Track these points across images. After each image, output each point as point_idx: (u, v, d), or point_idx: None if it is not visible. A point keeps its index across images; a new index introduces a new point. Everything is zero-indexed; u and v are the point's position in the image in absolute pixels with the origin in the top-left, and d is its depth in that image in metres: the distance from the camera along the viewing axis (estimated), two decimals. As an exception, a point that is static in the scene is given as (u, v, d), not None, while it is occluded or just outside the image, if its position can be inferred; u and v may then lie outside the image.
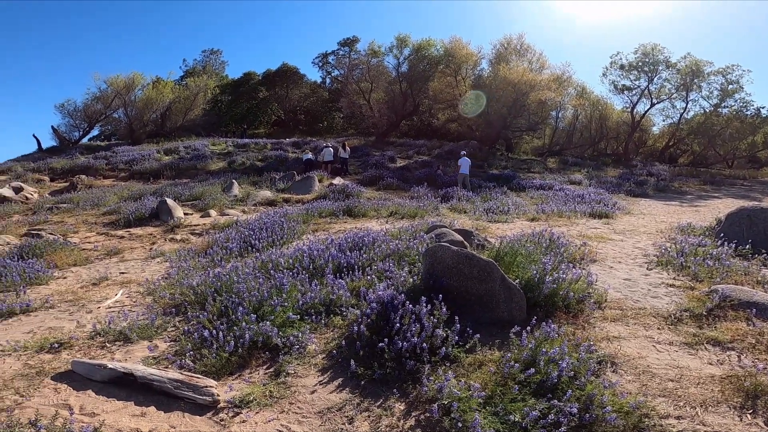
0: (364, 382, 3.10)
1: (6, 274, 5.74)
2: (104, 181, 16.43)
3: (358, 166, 18.69)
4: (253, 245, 6.74)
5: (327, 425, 2.75)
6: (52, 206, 11.49)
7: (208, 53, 43.82)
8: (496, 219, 9.06)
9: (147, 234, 8.64)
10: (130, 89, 27.01)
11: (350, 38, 39.74)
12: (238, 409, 2.90)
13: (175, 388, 3.00)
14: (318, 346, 3.66)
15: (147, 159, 19.10)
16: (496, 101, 22.48)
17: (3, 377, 3.28)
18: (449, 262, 3.89)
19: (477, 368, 3.13)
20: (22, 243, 7.62)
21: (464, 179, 14.09)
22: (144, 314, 4.46)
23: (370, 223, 8.50)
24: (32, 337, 4.07)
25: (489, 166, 19.92)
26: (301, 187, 13.21)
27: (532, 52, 25.20)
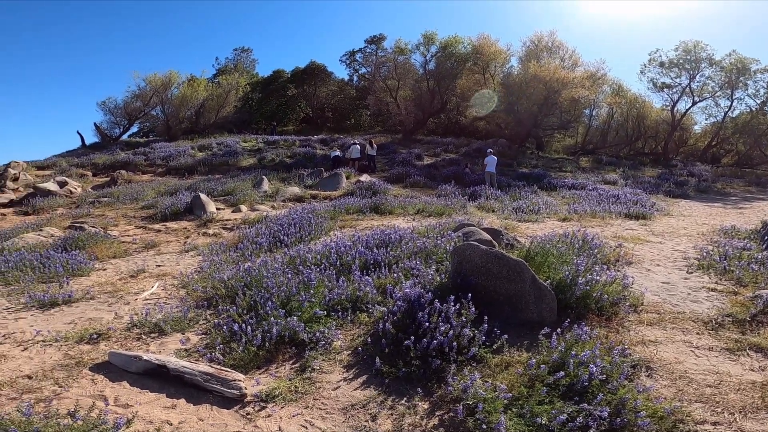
0: (388, 380, 3.10)
1: (50, 265, 6.02)
2: (143, 176, 17.12)
3: (385, 163, 18.72)
4: (282, 240, 6.86)
5: (350, 422, 2.76)
6: (94, 200, 12.08)
7: (239, 51, 44.68)
8: (525, 218, 8.87)
9: (182, 228, 8.95)
10: (167, 87, 27.95)
11: (377, 36, 39.88)
12: (264, 404, 2.93)
13: (205, 381, 3.06)
14: (343, 343, 3.68)
15: (182, 155, 19.79)
16: (526, 99, 22.06)
17: (43, 368, 3.40)
18: (478, 261, 3.83)
19: (504, 369, 3.08)
20: (65, 235, 8.04)
21: (492, 177, 13.86)
22: (178, 307, 4.57)
23: (397, 221, 8.49)
24: (73, 328, 4.20)
25: (518, 164, 19.53)
26: (329, 184, 13.34)
27: (564, 50, 24.64)
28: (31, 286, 5.40)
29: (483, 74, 25.60)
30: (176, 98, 28.36)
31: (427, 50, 26.50)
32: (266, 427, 2.72)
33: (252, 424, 2.75)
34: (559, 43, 24.70)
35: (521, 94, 22.23)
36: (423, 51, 26.60)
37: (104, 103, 28.11)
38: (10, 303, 4.95)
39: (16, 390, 3.03)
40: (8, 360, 3.52)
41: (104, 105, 28.12)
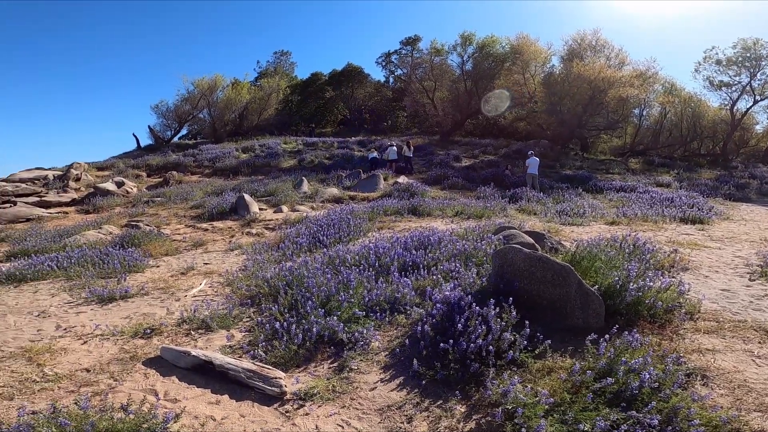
0: (425, 382, 3.09)
1: (108, 262, 6.41)
2: (191, 177, 17.99)
3: (423, 165, 18.63)
4: (321, 241, 6.98)
5: (386, 423, 2.77)
6: (149, 200, 12.83)
7: (278, 54, 45.93)
8: (570, 222, 8.54)
9: (227, 227, 9.33)
10: (213, 90, 29.10)
11: (412, 37, 39.79)
12: (302, 402, 2.98)
13: (248, 378, 3.15)
14: (381, 344, 3.69)
15: (227, 156, 20.62)
16: (569, 99, 21.34)
17: (101, 361, 3.56)
18: (521, 264, 3.74)
19: (545, 375, 3.00)
20: (122, 233, 8.57)
21: (533, 179, 13.46)
22: (223, 304, 4.73)
23: (435, 223, 8.43)
24: (128, 323, 4.38)
25: (561, 166, 18.87)
26: (367, 185, 13.46)
27: (610, 48, 23.60)
28: (91, 282, 5.73)
29: (522, 74, 24.93)
30: (221, 101, 29.46)
31: (464, 51, 26.18)
32: (304, 425, 2.76)
33: (290, 422, 2.80)
34: (604, 42, 23.71)
35: (564, 93, 21.56)
36: (460, 51, 26.30)
37: (157, 106, 29.72)
38: (72, 297, 5.28)
39: (75, 383, 3.21)
40: (69, 353, 3.71)
41: (157, 108, 29.73)
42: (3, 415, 2.75)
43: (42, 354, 3.66)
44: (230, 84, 30.54)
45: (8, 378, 3.26)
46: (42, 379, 3.25)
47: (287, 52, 45.98)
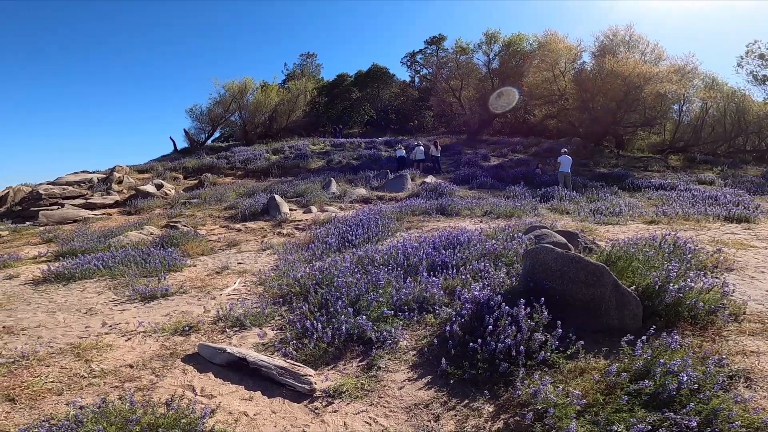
0: (453, 381, 3.08)
1: (150, 261, 6.69)
2: (225, 178, 18.56)
3: (450, 164, 18.50)
4: (350, 241, 7.07)
5: (413, 421, 2.78)
6: (185, 201, 13.36)
7: (305, 57, 46.57)
8: (605, 221, 8.27)
9: (259, 228, 9.59)
10: (243, 93, 29.75)
11: (437, 36, 39.60)
12: (331, 399, 3.03)
13: (279, 375, 3.23)
14: (409, 343, 3.71)
15: (258, 158, 21.15)
16: (602, 95, 20.75)
17: (143, 357, 3.71)
18: (552, 264, 3.67)
19: (577, 376, 2.95)
20: (162, 233, 8.96)
21: (565, 178, 13.10)
22: (256, 303, 4.86)
23: (464, 222, 8.37)
24: (168, 320, 4.53)
25: (595, 164, 18.29)
26: (395, 185, 13.50)
27: (645, 43, 22.73)
28: (134, 281, 6.00)
29: (552, 71, 24.37)
30: (252, 104, 30.11)
31: (489, 49, 25.99)
32: (332, 422, 2.81)
33: (319, 419, 2.85)
34: (639, 37, 22.86)
35: (596, 90, 20.96)
36: (485, 50, 26.12)
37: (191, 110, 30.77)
38: (116, 295, 5.53)
39: (120, 378, 3.35)
40: (114, 349, 3.89)
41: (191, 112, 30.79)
42: (52, 409, 2.90)
43: (89, 350, 3.84)
44: (259, 87, 31.15)
45: (58, 373, 3.42)
46: (89, 374, 3.41)
47: (313, 53, 46.70)
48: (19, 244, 9.80)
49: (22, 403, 2.99)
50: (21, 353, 3.74)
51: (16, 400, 3.02)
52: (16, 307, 5.21)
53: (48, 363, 3.60)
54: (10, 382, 3.27)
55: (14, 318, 4.81)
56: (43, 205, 13.91)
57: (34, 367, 3.52)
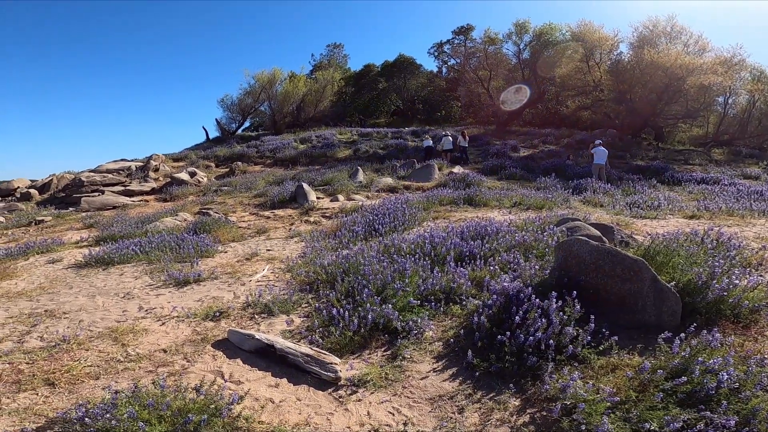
0: (478, 374, 3.03)
1: (184, 247, 6.88)
2: (254, 167, 18.94)
3: (478, 155, 18.19)
4: (377, 230, 7.07)
5: (437, 412, 2.76)
6: (217, 189, 13.73)
7: (332, 47, 46.77)
8: (642, 215, 7.92)
9: (287, 215, 9.74)
10: (272, 83, 30.26)
11: (464, 26, 38.90)
12: (355, 388, 3.03)
13: (305, 362, 3.25)
14: (435, 333, 3.67)
15: (286, 147, 21.46)
16: (641, 87, 20.19)
17: (176, 342, 3.76)
18: (587, 257, 3.54)
19: (609, 372, 2.85)
20: (195, 220, 9.22)
21: (600, 170, 12.64)
22: (284, 290, 4.90)
23: (492, 213, 8.22)
24: (200, 305, 4.59)
25: (632, 156, 17.59)
26: (421, 175, 13.40)
27: (687, 34, 21.72)
28: (169, 266, 6.15)
29: (586, 62, 23.73)
30: (280, 94, 30.59)
31: (519, 39, 25.48)
32: (356, 411, 2.82)
33: (343, 407, 2.86)
34: (681, 28, 21.82)
35: (635, 81, 20.38)
36: (515, 40, 25.66)
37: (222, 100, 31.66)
38: (152, 280, 5.69)
39: (154, 363, 3.41)
40: (149, 334, 3.95)
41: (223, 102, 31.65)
42: (89, 393, 2.98)
43: (126, 334, 3.92)
44: (287, 77, 31.54)
45: (96, 357, 3.51)
46: (125, 358, 3.49)
47: (340, 44, 46.82)
48: (62, 229, 10.35)
49: (61, 387, 3.09)
50: (62, 337, 3.87)
51: (56, 384, 3.12)
52: (58, 291, 5.44)
53: (87, 347, 3.71)
54: (50, 365, 3.39)
55: (56, 302, 5.00)
56: (85, 191, 14.63)
57: (74, 351, 3.63)
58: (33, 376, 3.21)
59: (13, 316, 4.53)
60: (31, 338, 3.93)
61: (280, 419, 2.73)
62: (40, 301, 5.05)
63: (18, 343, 3.85)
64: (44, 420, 2.69)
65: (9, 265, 6.86)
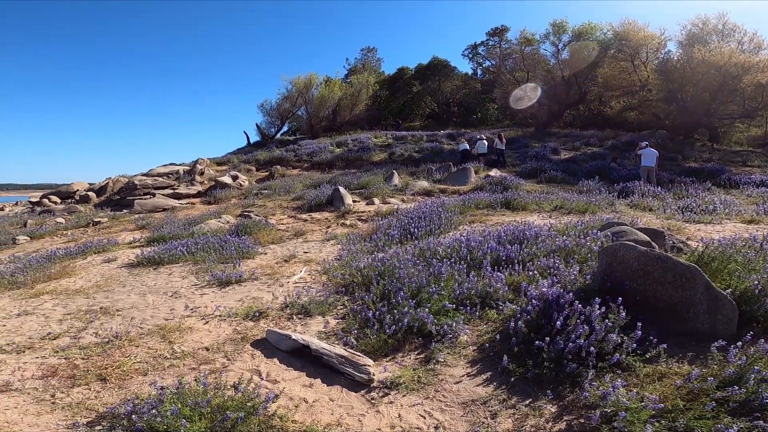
0: (513, 379, 2.97)
1: (227, 248, 7.13)
2: (292, 170, 19.43)
3: (516, 158, 17.77)
4: (412, 233, 7.06)
5: (469, 417, 2.72)
6: (257, 192, 14.21)
7: (365, 51, 46.84)
8: (695, 219, 7.46)
9: (324, 218, 9.93)
10: (308, 88, 30.73)
11: (499, 28, 38.20)
12: (387, 390, 3.04)
13: (339, 364, 3.28)
14: (470, 338, 3.63)
15: (323, 151, 21.85)
16: (693, 86, 19.44)
17: (218, 341, 3.90)
18: (634, 263, 3.39)
19: (656, 380, 2.73)
20: (237, 222, 9.59)
21: (648, 172, 12.01)
22: (320, 291, 4.96)
23: (531, 217, 8.00)
24: (241, 305, 4.74)
25: (684, 158, 16.61)
26: (457, 178, 13.26)
27: (741, 32, 20.70)
28: (213, 266, 6.42)
29: (631, 61, 22.99)
30: (316, 99, 30.97)
31: (557, 39, 24.76)
32: (387, 413, 2.83)
33: (374, 409, 2.88)
34: (733, 26, 20.81)
35: (685, 80, 19.63)
36: (553, 40, 24.99)
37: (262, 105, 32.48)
38: (198, 280, 5.93)
39: (197, 360, 3.55)
40: (193, 332, 4.12)
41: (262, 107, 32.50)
42: (138, 389, 3.11)
43: (173, 332, 4.10)
44: (323, 81, 32.00)
45: (144, 354, 3.68)
46: (171, 355, 3.64)
47: (373, 48, 46.97)
48: (117, 230, 11.05)
49: (112, 382, 3.24)
50: (115, 333, 4.09)
51: (107, 379, 3.28)
52: (113, 289, 5.80)
53: (137, 343, 3.90)
54: (103, 361, 3.57)
55: (111, 299, 5.31)
56: (138, 194, 15.57)
57: (126, 347, 3.82)
58: (87, 371, 3.40)
59: (71, 313, 4.86)
60: (86, 334, 4.19)
61: (313, 419, 2.77)
62: (96, 298, 5.40)
63: (74, 338, 4.10)
64: (94, 415, 2.83)
65: (68, 264, 7.40)
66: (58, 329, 4.36)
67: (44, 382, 3.29)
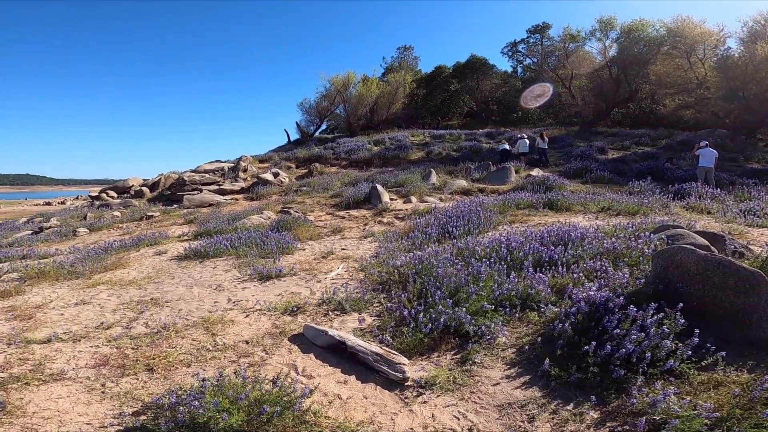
0: (554, 383, 2.87)
1: (267, 243, 7.31)
2: (331, 168, 19.71)
3: (560, 157, 17.13)
4: (450, 232, 6.95)
5: (504, 420, 2.66)
6: (297, 189, 14.53)
7: (402, 50, 46.80)
8: (759, 223, 6.88)
9: (361, 216, 10.00)
10: (346, 87, 30.99)
11: (540, 25, 36.82)
12: (422, 390, 3.01)
13: (374, 361, 3.27)
14: (509, 340, 3.54)
15: (361, 149, 22.02)
16: (756, 83, 18.41)
17: (257, 334, 3.97)
18: (692, 267, 3.18)
19: (711, 388, 2.61)
20: (278, 218, 9.84)
21: (707, 173, 11.21)
22: (357, 288, 4.97)
23: (576, 218, 7.68)
24: (280, 300, 4.83)
25: (746, 159, 15.44)
26: (497, 178, 12.96)
27: None
28: (254, 261, 6.57)
29: (687, 58, 21.88)
30: (354, 97, 31.20)
31: (605, 36, 23.87)
32: (420, 413, 2.80)
33: (407, 408, 2.85)
34: None
35: (747, 78, 18.58)
36: (600, 37, 24.02)
37: (301, 103, 33.18)
38: (240, 274, 6.06)
39: (237, 353, 3.63)
40: (235, 325, 4.22)
41: (302, 105, 33.18)
42: (181, 380, 3.22)
43: (216, 324, 4.21)
44: (360, 80, 32.15)
45: (189, 345, 3.79)
46: (213, 347, 3.74)
47: (410, 47, 46.79)
48: (167, 224, 11.67)
49: (158, 373, 3.34)
50: (163, 324, 4.23)
51: (155, 369, 3.38)
52: (162, 281, 6.07)
53: (183, 335, 4.01)
54: (151, 351, 3.69)
55: (161, 291, 5.53)
56: (186, 190, 16.36)
57: (172, 338, 3.93)
58: (136, 361, 3.55)
59: (124, 303, 5.12)
60: (137, 324, 4.38)
61: (346, 416, 2.78)
62: (147, 289, 5.67)
63: (126, 328, 4.29)
64: (140, 405, 2.93)
65: (123, 256, 7.86)
66: (112, 319, 4.58)
67: (96, 371, 3.44)
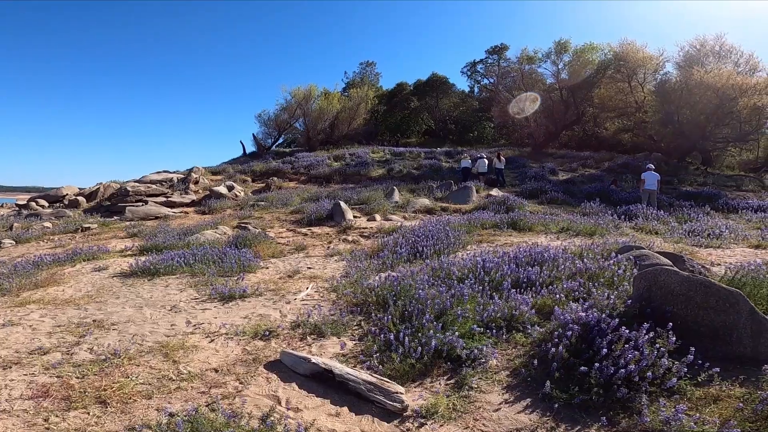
0: (558, 406, 2.81)
1: (226, 261, 6.82)
2: (289, 183, 19.20)
3: (515, 177, 17.82)
4: (420, 252, 6.85)
5: None
6: (254, 203, 13.91)
7: (364, 65, 47.00)
8: (705, 244, 7.42)
9: (324, 233, 9.67)
10: (308, 100, 30.50)
11: (498, 46, 38.67)
12: (423, 420, 2.83)
13: (368, 391, 3.06)
14: (500, 362, 3.46)
15: (321, 164, 21.68)
16: (689, 108, 19.54)
17: (227, 361, 3.64)
18: (676, 288, 3.31)
19: (710, 403, 2.71)
20: (235, 234, 9.28)
21: (650, 195, 12.07)
22: (331, 310, 4.72)
23: (539, 239, 7.87)
24: (248, 323, 4.49)
25: (680, 181, 16.87)
26: (459, 197, 13.16)
27: (738, 53, 21.33)
28: (213, 280, 6.11)
29: (628, 82, 23.27)
30: (315, 111, 30.74)
31: (558, 59, 25.07)
32: None
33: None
34: (730, 47, 21.40)
35: (682, 102, 19.76)
36: (554, 59, 25.25)
37: (260, 115, 32.13)
38: (197, 294, 5.64)
39: (206, 383, 3.28)
40: (199, 350, 3.85)
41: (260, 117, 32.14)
42: (143, 415, 2.84)
43: (176, 350, 3.82)
44: (322, 94, 31.86)
45: (147, 374, 3.39)
46: (177, 377, 3.36)
47: (372, 62, 47.11)
48: (107, 237, 10.63)
49: (113, 406, 2.94)
50: (113, 350, 3.77)
51: (108, 402, 2.97)
52: (106, 300, 5.43)
53: (138, 362, 3.61)
54: (102, 381, 3.25)
55: (104, 311, 4.96)
56: (129, 201, 15.13)
57: (125, 366, 3.52)
58: (84, 392, 3.09)
59: (61, 325, 4.51)
60: (80, 350, 3.86)
61: (345, 453, 2.52)
62: (88, 310, 5.06)
63: (67, 354, 3.77)
64: None
65: (56, 272, 7.01)
66: (48, 343, 4.00)
67: (35, 403, 2.96)
